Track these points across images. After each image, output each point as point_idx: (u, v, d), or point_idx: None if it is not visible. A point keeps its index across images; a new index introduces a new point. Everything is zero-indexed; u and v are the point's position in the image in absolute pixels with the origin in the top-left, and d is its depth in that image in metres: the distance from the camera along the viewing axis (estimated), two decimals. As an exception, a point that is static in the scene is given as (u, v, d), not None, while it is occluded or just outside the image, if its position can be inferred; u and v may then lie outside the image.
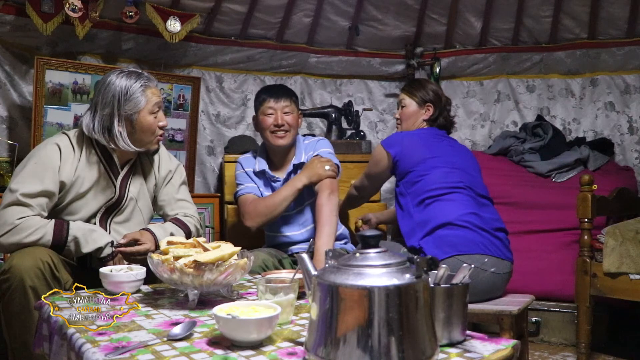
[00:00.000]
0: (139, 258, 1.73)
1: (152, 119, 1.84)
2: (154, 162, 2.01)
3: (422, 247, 2.05)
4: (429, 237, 2.06)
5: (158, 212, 2.05)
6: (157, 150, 1.98)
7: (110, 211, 1.89)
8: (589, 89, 3.43)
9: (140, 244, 1.77)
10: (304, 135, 2.50)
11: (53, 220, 1.72)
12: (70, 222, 1.75)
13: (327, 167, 2.17)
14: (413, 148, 2.21)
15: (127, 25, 2.96)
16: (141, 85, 1.80)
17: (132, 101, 1.79)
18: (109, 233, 1.86)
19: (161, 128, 1.88)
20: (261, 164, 2.32)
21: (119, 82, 1.79)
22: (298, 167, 2.29)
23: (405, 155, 2.21)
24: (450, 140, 2.33)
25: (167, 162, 2.03)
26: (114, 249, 1.77)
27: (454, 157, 2.24)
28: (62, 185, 1.77)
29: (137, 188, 1.94)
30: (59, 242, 1.70)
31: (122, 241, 1.76)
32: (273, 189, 2.30)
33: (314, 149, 2.30)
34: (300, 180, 2.17)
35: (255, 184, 2.32)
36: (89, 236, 1.75)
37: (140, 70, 1.88)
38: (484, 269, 1.94)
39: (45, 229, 1.69)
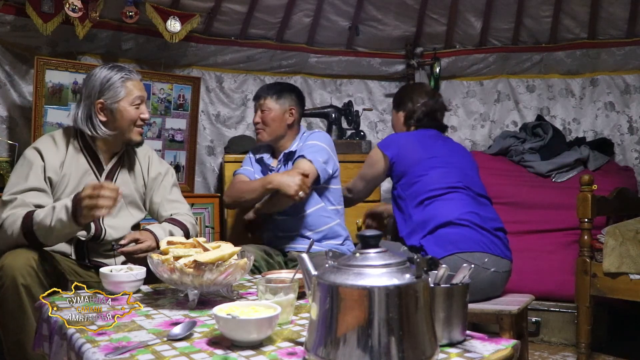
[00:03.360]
0: (142, 256, 1.73)
1: (132, 110, 1.87)
2: (143, 164, 2.03)
3: (423, 246, 2.06)
4: (429, 236, 2.07)
5: (152, 215, 2.05)
6: (140, 143, 1.97)
7: None
8: (589, 89, 3.44)
9: (140, 243, 1.77)
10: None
11: (25, 211, 1.68)
12: (38, 209, 1.68)
13: (301, 193, 2.11)
14: (409, 149, 2.23)
15: (127, 25, 2.96)
16: (121, 77, 1.85)
17: (112, 91, 1.84)
18: (104, 231, 1.86)
19: (142, 120, 1.91)
20: (262, 153, 2.43)
21: (100, 73, 1.86)
22: (287, 155, 2.34)
23: (402, 157, 2.23)
24: (445, 140, 2.35)
25: (158, 165, 2.06)
26: (115, 250, 1.77)
27: (451, 157, 2.25)
28: (51, 181, 1.79)
29: (123, 185, 1.93)
30: (28, 230, 1.63)
31: (123, 242, 1.76)
32: None
33: (305, 140, 2.33)
34: (271, 182, 2.18)
35: (253, 169, 2.43)
36: (52, 210, 1.65)
37: (123, 65, 1.93)
38: (485, 267, 1.96)
39: (16, 216, 1.66)
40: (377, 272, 0.96)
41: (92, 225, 1.84)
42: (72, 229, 1.65)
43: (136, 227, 2.02)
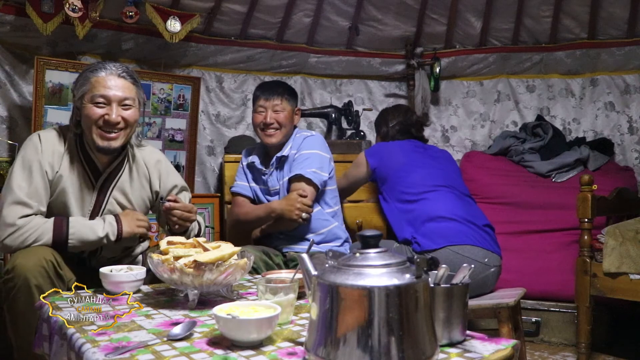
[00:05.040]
0: (183, 215, 1.76)
1: (92, 109, 1.70)
2: (153, 172, 1.92)
3: (416, 239, 2.12)
4: (420, 230, 2.15)
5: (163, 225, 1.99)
6: (106, 151, 1.75)
7: (93, 217, 1.81)
8: (589, 89, 3.43)
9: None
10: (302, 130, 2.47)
11: (52, 219, 1.69)
12: (70, 217, 1.72)
13: (304, 215, 2.15)
14: (391, 156, 2.43)
15: (127, 25, 2.95)
16: (91, 71, 1.73)
17: (80, 87, 1.74)
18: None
19: (107, 123, 1.71)
20: (253, 157, 2.38)
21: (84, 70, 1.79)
22: (280, 160, 2.30)
23: (384, 163, 2.41)
24: (427, 147, 2.56)
25: (174, 177, 1.97)
26: (162, 204, 1.76)
27: (433, 161, 2.43)
28: (47, 174, 1.73)
29: (122, 195, 1.85)
30: (60, 239, 1.67)
31: (170, 198, 1.76)
32: (264, 182, 2.35)
33: (298, 148, 2.28)
34: (274, 210, 2.20)
35: (247, 178, 2.40)
36: (89, 227, 1.72)
37: (111, 62, 1.82)
38: (477, 260, 2.02)
39: (44, 227, 1.66)
40: (377, 272, 0.96)
41: None
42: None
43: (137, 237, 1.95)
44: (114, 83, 1.72)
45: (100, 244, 1.75)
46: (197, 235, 1.94)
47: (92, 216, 1.81)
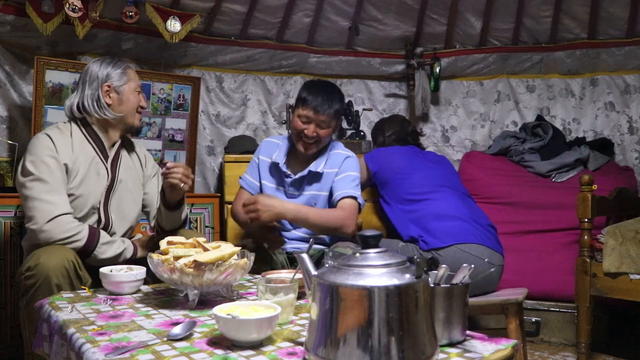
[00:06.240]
0: (187, 173, 1.83)
1: (136, 96, 1.97)
2: (141, 157, 2.09)
3: (422, 237, 2.13)
4: (426, 228, 2.15)
5: (146, 207, 2.07)
6: (139, 130, 2.09)
7: (107, 196, 1.91)
8: (589, 89, 3.44)
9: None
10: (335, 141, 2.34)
11: (87, 225, 1.78)
12: (100, 230, 1.83)
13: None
14: (391, 160, 2.47)
15: (127, 25, 2.96)
16: (122, 65, 1.96)
17: (117, 76, 1.93)
18: (111, 222, 1.91)
19: (142, 108, 2.00)
20: (278, 156, 2.22)
21: (101, 62, 1.93)
22: (313, 175, 2.17)
23: (384, 167, 2.45)
24: (425, 152, 2.63)
25: (152, 161, 2.14)
26: (163, 170, 1.82)
27: (432, 164, 2.47)
28: (67, 167, 1.81)
29: (126, 171, 1.99)
30: (90, 247, 1.76)
31: (169, 165, 1.83)
32: (284, 184, 2.22)
33: (340, 168, 2.17)
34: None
35: (259, 174, 2.25)
36: (112, 242, 1.83)
37: (117, 58, 2.00)
38: (482, 258, 2.04)
39: (81, 227, 1.75)
40: (377, 272, 0.96)
41: (102, 216, 1.88)
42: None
43: (138, 217, 2.04)
44: (137, 76, 2.02)
45: (117, 261, 1.82)
46: (185, 221, 2.06)
47: (108, 192, 1.90)
